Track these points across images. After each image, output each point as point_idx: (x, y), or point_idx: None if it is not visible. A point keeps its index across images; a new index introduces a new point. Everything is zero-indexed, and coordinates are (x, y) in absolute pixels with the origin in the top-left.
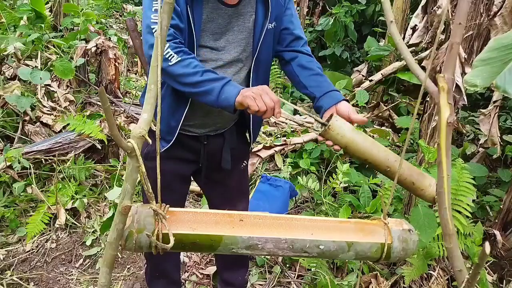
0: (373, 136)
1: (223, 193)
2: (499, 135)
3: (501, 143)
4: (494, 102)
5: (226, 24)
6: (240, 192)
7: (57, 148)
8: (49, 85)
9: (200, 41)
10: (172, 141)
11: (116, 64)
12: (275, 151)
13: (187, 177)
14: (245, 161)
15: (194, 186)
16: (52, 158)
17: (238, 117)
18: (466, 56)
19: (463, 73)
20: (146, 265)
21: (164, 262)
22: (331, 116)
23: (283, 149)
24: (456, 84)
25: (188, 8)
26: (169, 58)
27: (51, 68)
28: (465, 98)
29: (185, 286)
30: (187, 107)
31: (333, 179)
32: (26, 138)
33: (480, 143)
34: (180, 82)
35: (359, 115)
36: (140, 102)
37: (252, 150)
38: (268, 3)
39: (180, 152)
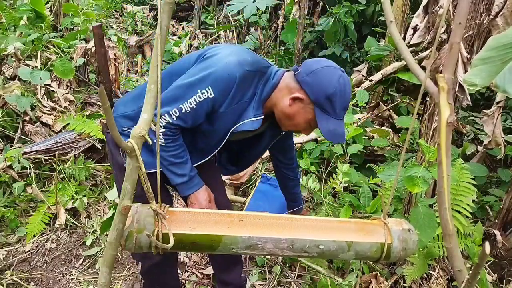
0: (373, 136)
1: None
2: (503, 135)
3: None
4: (498, 102)
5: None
6: (215, 183)
7: (57, 148)
8: (49, 85)
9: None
10: None
11: (116, 64)
12: None
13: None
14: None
15: None
16: (52, 158)
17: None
18: (468, 56)
19: (466, 73)
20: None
21: (164, 275)
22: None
23: None
24: (459, 84)
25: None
26: (160, 138)
27: (51, 68)
28: (468, 97)
29: (185, 286)
30: None
31: (333, 179)
32: (26, 138)
33: (484, 144)
34: (162, 159)
35: None
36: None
37: None
38: (279, 132)
39: None
